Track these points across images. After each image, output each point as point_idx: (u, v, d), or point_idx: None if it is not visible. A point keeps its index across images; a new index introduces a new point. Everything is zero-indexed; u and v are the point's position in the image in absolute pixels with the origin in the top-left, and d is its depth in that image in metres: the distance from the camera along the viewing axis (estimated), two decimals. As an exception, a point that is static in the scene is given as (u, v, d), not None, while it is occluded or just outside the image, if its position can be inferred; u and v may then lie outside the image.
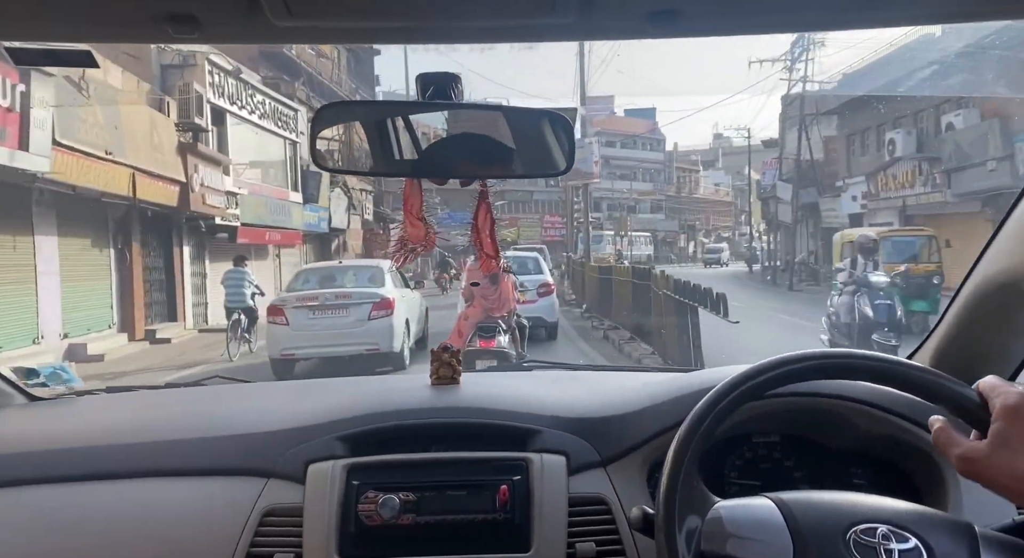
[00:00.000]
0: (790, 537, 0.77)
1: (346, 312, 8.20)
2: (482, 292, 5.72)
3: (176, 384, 1.61)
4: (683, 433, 0.85)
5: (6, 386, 1.35)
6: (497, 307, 5.76)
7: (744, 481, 1.19)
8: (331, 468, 1.04)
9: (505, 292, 5.80)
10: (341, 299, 8.35)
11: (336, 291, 8.67)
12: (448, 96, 0.95)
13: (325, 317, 8.14)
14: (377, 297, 8.28)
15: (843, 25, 0.88)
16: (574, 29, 0.80)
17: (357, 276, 9.11)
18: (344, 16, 0.76)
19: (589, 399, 1.22)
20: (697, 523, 0.83)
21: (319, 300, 8.29)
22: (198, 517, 1.04)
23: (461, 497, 1.03)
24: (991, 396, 0.76)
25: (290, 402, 1.28)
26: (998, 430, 0.73)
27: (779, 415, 1.16)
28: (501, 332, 5.84)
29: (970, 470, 0.75)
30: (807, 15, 0.84)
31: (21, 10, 0.74)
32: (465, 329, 5.77)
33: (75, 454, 1.11)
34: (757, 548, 0.78)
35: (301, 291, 9.02)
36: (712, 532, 0.81)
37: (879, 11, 0.82)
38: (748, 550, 0.79)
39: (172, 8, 0.70)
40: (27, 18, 0.76)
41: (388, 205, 26.42)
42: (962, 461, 0.75)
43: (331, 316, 8.20)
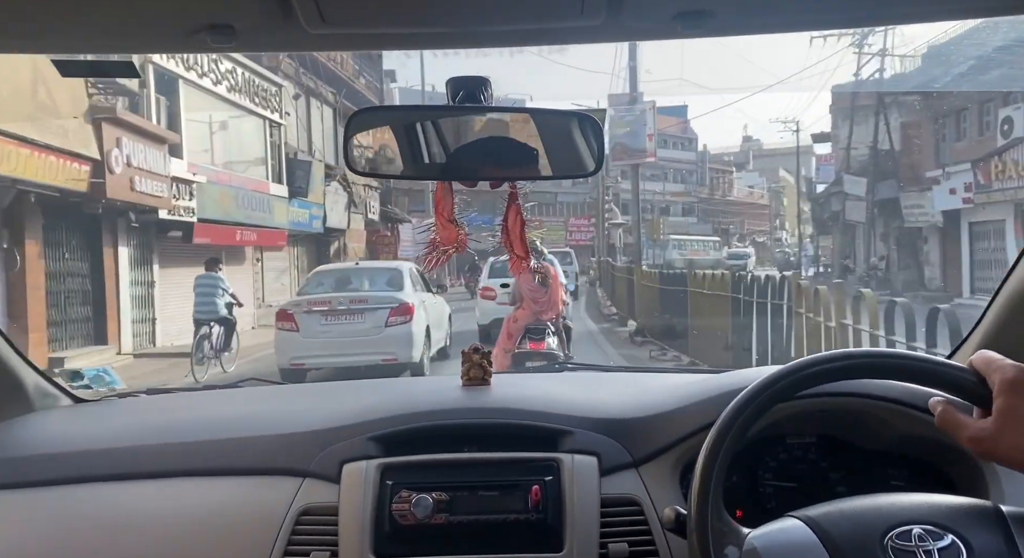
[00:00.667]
0: (827, 555, 0.85)
1: (361, 318, 8.44)
2: (532, 295, 6.48)
3: (213, 386, 1.82)
4: (715, 434, 0.95)
5: (53, 388, 1.55)
6: (546, 310, 6.55)
7: (779, 483, 1.32)
8: (365, 468, 1.19)
9: (554, 295, 6.63)
10: (356, 304, 8.58)
11: (351, 295, 8.88)
12: (478, 99, 1.09)
13: (339, 323, 8.40)
14: (395, 302, 8.53)
15: (876, 21, 1.00)
16: (603, 31, 0.91)
17: (374, 279, 9.43)
18: (377, 23, 0.88)
19: (620, 400, 1.37)
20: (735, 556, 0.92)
21: (332, 304, 8.52)
22: (236, 515, 1.19)
23: (493, 497, 1.18)
24: (988, 372, 0.83)
25: (323, 403, 1.46)
26: (1002, 406, 0.80)
27: (813, 416, 1.28)
28: (550, 334, 6.63)
29: (983, 451, 0.82)
30: (841, 12, 0.93)
31: (72, 28, 0.87)
32: (515, 331, 6.48)
33: (117, 454, 1.28)
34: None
35: (313, 294, 9.16)
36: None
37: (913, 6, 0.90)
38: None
39: (211, 19, 0.82)
40: (76, 33, 0.89)
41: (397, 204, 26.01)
42: (973, 442, 0.82)
43: (345, 322, 8.43)
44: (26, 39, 0.95)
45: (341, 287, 9.44)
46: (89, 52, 1.03)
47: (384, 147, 1.14)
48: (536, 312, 6.58)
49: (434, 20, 0.89)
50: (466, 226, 1.25)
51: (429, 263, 1.28)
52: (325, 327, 8.39)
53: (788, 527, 0.92)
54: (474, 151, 1.16)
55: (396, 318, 8.39)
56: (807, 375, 0.98)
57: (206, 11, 0.82)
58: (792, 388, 0.98)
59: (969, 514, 0.88)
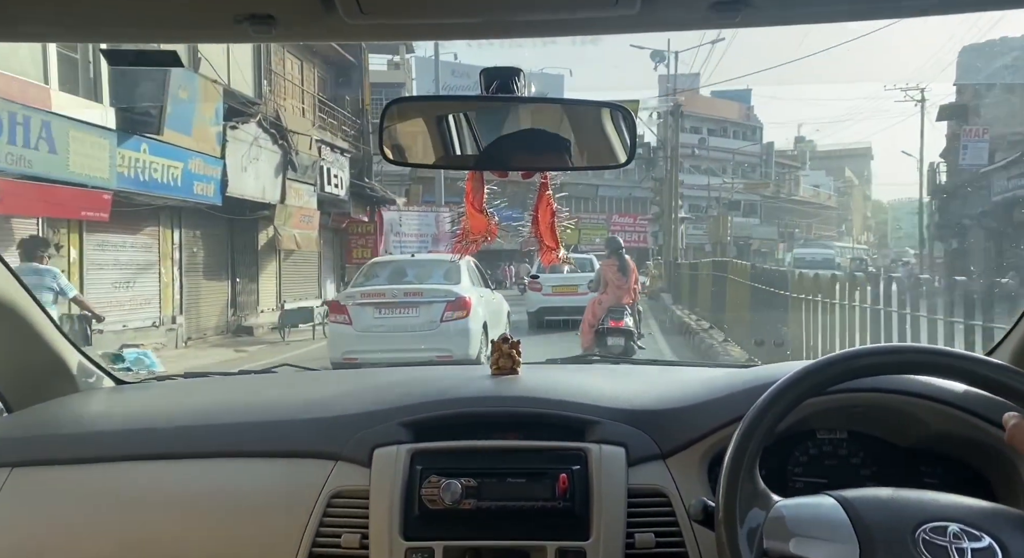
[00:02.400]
0: (856, 536, 0.87)
1: (416, 311, 8.32)
2: (615, 282, 8.20)
3: (248, 371, 1.89)
4: (744, 427, 0.98)
5: (96, 370, 1.66)
6: (625, 294, 8.24)
7: (808, 478, 1.33)
8: (396, 452, 1.25)
9: (632, 283, 8.44)
10: (411, 297, 8.43)
11: (406, 287, 8.68)
12: (511, 90, 1.13)
13: (393, 317, 8.30)
14: (452, 296, 8.31)
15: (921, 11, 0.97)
16: (637, 21, 0.93)
17: (430, 271, 9.19)
18: (413, 14, 0.92)
19: (648, 392, 1.40)
20: (759, 520, 0.94)
21: (386, 297, 8.42)
22: (270, 496, 1.26)
23: (521, 484, 1.22)
24: None
25: (356, 389, 1.53)
26: None
27: (844, 411, 1.29)
28: (628, 314, 8.23)
29: None
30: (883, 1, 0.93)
31: (119, 17, 0.93)
32: (599, 312, 8.08)
33: (156, 434, 1.37)
34: (822, 547, 0.88)
35: (367, 286, 8.99)
36: (774, 530, 0.92)
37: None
38: (812, 550, 0.89)
39: (253, 9, 0.87)
40: (123, 24, 0.96)
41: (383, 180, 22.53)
42: None
43: (400, 316, 8.33)
44: (74, 28, 1.03)
45: (396, 279, 9.25)
46: (134, 42, 1.10)
47: (418, 137, 1.18)
48: (617, 296, 8.22)
49: (469, 10, 0.93)
50: (495, 216, 1.28)
51: (458, 252, 1.32)
52: (379, 320, 8.29)
53: (821, 503, 0.94)
54: (508, 142, 1.19)
55: (452, 313, 8.22)
56: (840, 370, 0.99)
57: (248, 2, 0.87)
58: (824, 383, 0.99)
59: (1011, 520, 0.88)
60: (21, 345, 1.52)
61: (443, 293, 8.41)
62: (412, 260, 10.32)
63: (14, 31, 1.02)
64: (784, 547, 0.91)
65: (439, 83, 26.59)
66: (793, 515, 0.94)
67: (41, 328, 1.54)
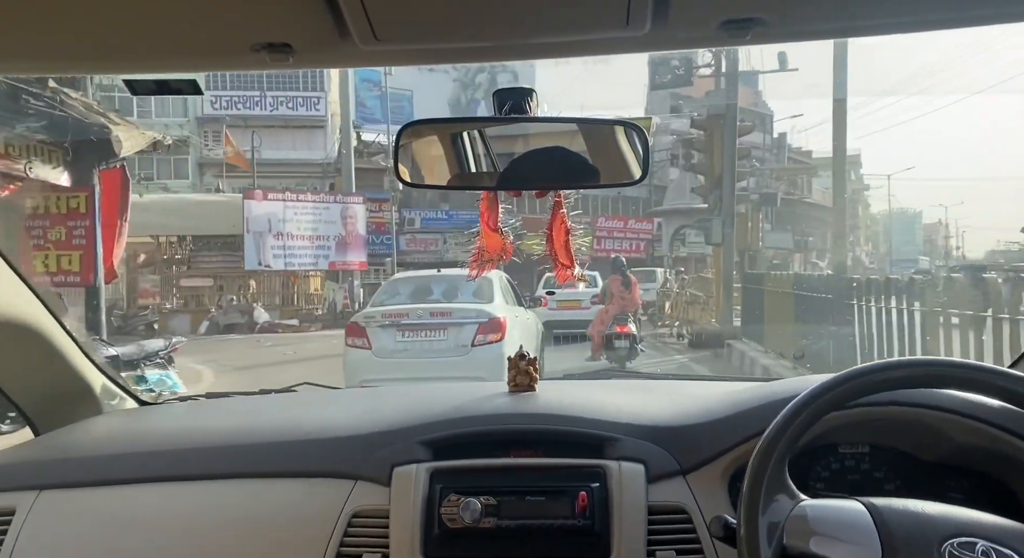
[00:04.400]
0: (879, 543, 0.88)
1: (444, 334, 7.57)
2: (619, 294, 9.84)
3: (268, 390, 1.92)
4: (764, 443, 1.00)
5: (120, 392, 1.75)
6: (628, 304, 9.88)
7: (830, 493, 1.34)
8: (415, 471, 1.29)
9: (635, 294, 10.18)
10: (438, 317, 7.67)
11: (432, 307, 7.94)
12: (524, 110, 1.18)
13: (417, 340, 7.59)
14: (485, 316, 7.57)
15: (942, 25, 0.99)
16: (647, 41, 0.97)
17: (459, 288, 8.35)
18: (426, 40, 0.97)
19: (667, 408, 1.44)
20: (780, 519, 0.96)
21: (410, 317, 7.68)
22: (291, 517, 1.32)
23: (540, 503, 1.26)
24: None
25: (374, 407, 1.59)
26: None
27: (867, 425, 1.31)
28: (631, 321, 9.71)
29: None
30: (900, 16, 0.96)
31: (141, 49, 0.99)
32: (606, 319, 9.69)
33: (179, 455, 1.43)
34: (842, 550, 0.90)
35: (387, 306, 8.27)
36: (795, 529, 0.95)
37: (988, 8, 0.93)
38: (832, 550, 0.91)
39: (270, 38, 0.92)
40: (143, 54, 1.02)
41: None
42: None
43: (425, 339, 7.60)
44: (97, 61, 1.09)
45: (420, 297, 8.45)
46: (155, 72, 1.17)
47: (434, 159, 1.23)
48: (622, 306, 9.81)
49: (481, 35, 0.97)
50: (510, 235, 1.33)
51: (472, 271, 1.37)
52: (402, 344, 7.59)
53: (847, 507, 0.96)
54: (525, 161, 1.24)
55: (485, 336, 7.47)
56: (861, 384, 1.02)
57: (266, 31, 0.93)
58: (845, 397, 1.02)
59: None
60: (48, 369, 1.59)
61: (474, 313, 7.66)
62: (438, 276, 9.42)
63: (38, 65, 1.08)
64: (804, 545, 0.93)
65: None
66: (817, 515, 0.96)
67: (67, 351, 1.60)
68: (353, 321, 8.21)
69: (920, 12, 0.94)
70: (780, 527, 0.96)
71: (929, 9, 0.94)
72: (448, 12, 0.90)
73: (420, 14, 0.89)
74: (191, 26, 0.91)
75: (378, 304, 8.61)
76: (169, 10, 0.87)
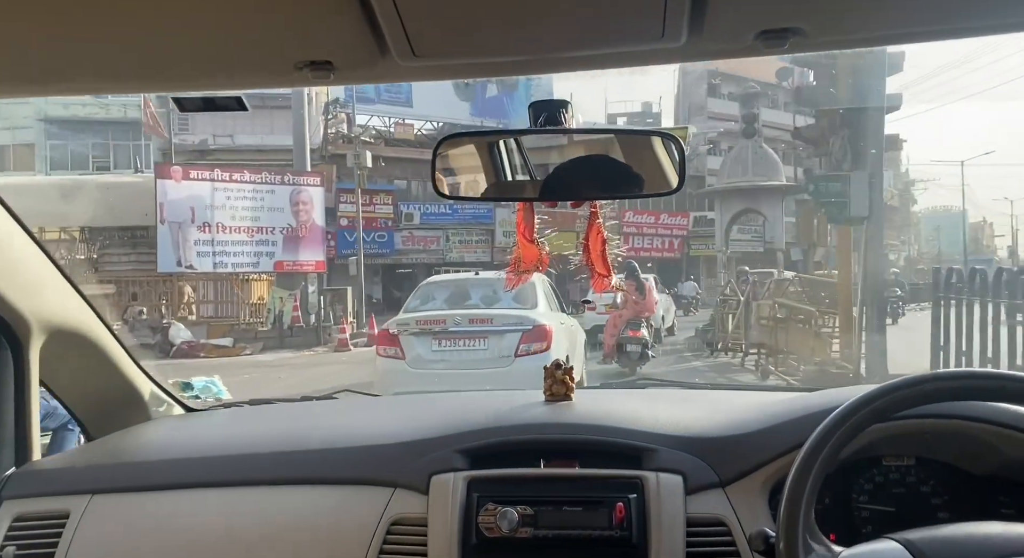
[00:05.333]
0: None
1: (484, 343, 7.60)
2: (634, 299, 10.59)
3: (310, 397, 2.15)
4: (804, 455, 1.08)
5: (167, 398, 1.97)
6: (642, 310, 10.80)
7: (874, 506, 1.45)
8: (452, 480, 1.43)
9: (649, 300, 11.21)
10: (478, 324, 7.69)
11: (471, 313, 7.93)
12: (559, 122, 1.31)
13: (455, 349, 7.63)
14: (529, 323, 7.55)
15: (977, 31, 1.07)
16: (684, 52, 1.06)
17: (499, 293, 8.33)
18: (464, 55, 1.08)
19: (706, 418, 1.55)
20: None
21: (447, 324, 7.71)
22: (332, 523, 1.47)
23: (577, 513, 1.38)
24: None
25: (413, 415, 1.75)
26: None
27: (913, 437, 1.40)
28: (644, 326, 10.55)
29: None
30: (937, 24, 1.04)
31: (188, 68, 1.12)
32: (620, 323, 10.57)
33: (223, 462, 1.60)
34: None
35: (421, 311, 8.28)
36: None
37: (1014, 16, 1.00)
38: None
39: (313, 56, 1.04)
40: (192, 75, 1.15)
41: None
42: None
43: (464, 348, 7.62)
44: (148, 80, 1.24)
45: (458, 302, 8.48)
46: (203, 90, 1.31)
47: (472, 170, 1.40)
48: (636, 311, 10.70)
49: (518, 49, 1.08)
50: (546, 246, 1.47)
51: (510, 283, 1.52)
52: (438, 354, 7.65)
53: (884, 550, 1.03)
54: (564, 172, 1.38)
55: (530, 345, 7.47)
56: (904, 396, 1.10)
57: (309, 50, 1.05)
58: (888, 409, 1.10)
59: None
60: (101, 376, 1.82)
61: (517, 320, 7.67)
62: (476, 279, 9.48)
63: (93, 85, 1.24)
64: None
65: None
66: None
67: (118, 359, 1.82)
68: (384, 328, 8.25)
69: (961, 19, 1.02)
70: None
71: (970, 15, 1.01)
72: (484, 28, 0.99)
73: (457, 31, 0.99)
74: (238, 47, 1.03)
75: (412, 309, 8.53)
76: (218, 32, 0.99)
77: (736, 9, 0.96)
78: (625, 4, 0.95)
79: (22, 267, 1.57)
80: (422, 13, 0.93)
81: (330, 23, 0.96)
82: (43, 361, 1.66)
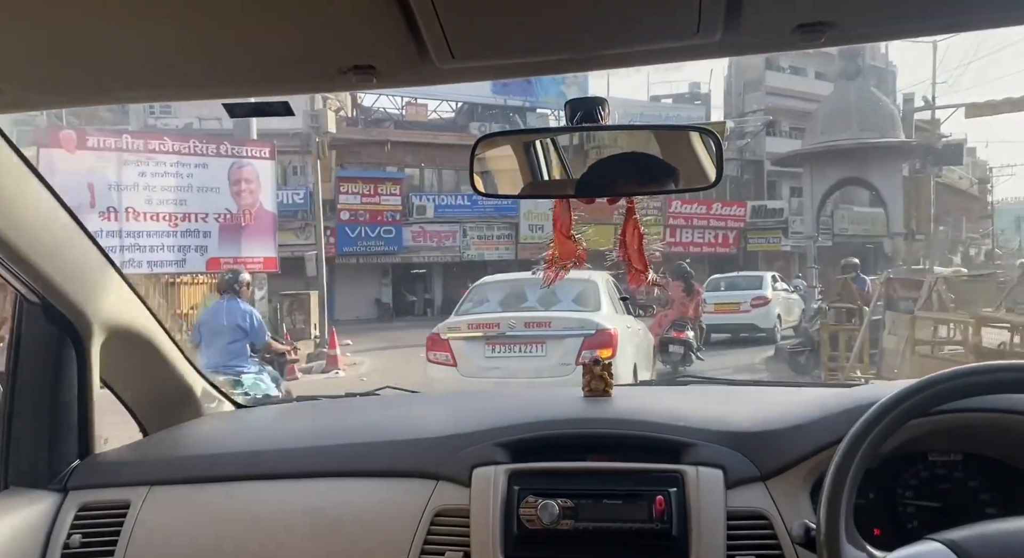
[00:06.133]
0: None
1: (542, 349, 7.62)
2: (680, 300, 11.38)
3: (354, 393, 2.38)
4: (844, 448, 1.17)
5: (218, 395, 2.20)
6: (687, 311, 11.43)
7: (920, 502, 1.55)
8: (494, 473, 1.58)
9: (696, 302, 11.76)
10: (535, 329, 7.68)
11: (527, 316, 7.87)
12: (596, 119, 1.45)
13: (511, 356, 7.65)
14: (591, 328, 7.56)
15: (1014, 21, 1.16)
16: (719, 47, 1.16)
17: (558, 294, 8.29)
18: (501, 56, 1.19)
19: (745, 413, 1.67)
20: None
21: (501, 328, 7.76)
22: (378, 514, 1.63)
23: (617, 506, 1.51)
24: None
25: (454, 410, 1.92)
26: None
27: (959, 432, 1.49)
28: (689, 328, 11.05)
29: None
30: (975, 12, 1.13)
31: (238, 76, 1.25)
32: (664, 323, 11.11)
33: (272, 455, 1.79)
34: None
35: (473, 314, 8.34)
36: None
37: None
38: None
39: (356, 61, 1.16)
40: (241, 82, 1.29)
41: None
42: None
43: (520, 355, 7.64)
44: (201, 88, 1.39)
45: (513, 305, 8.40)
46: (253, 96, 1.44)
47: (510, 168, 1.56)
48: (681, 312, 11.34)
49: (553, 49, 1.20)
50: (583, 242, 1.61)
51: (547, 279, 1.66)
52: (492, 361, 7.71)
53: (927, 552, 1.09)
54: (605, 169, 1.52)
55: (593, 352, 7.05)
56: (945, 390, 1.19)
57: (352, 55, 1.18)
58: (927, 403, 1.18)
59: None
60: (156, 374, 2.05)
61: (578, 323, 7.67)
62: (534, 278, 8.63)
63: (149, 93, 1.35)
64: None
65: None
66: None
67: (172, 357, 2.05)
68: (434, 332, 8.17)
69: (1000, 7, 1.10)
70: None
71: (1011, 3, 1.09)
72: (521, 30, 1.10)
73: (494, 33, 1.10)
74: (285, 54, 1.16)
75: (464, 312, 8.56)
76: (267, 41, 1.11)
77: (772, 4, 1.04)
78: (660, 2, 1.04)
79: (86, 270, 1.75)
80: (461, 17, 1.04)
81: (373, 29, 1.08)
82: (102, 359, 1.84)
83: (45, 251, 1.63)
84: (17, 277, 1.65)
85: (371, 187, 23.86)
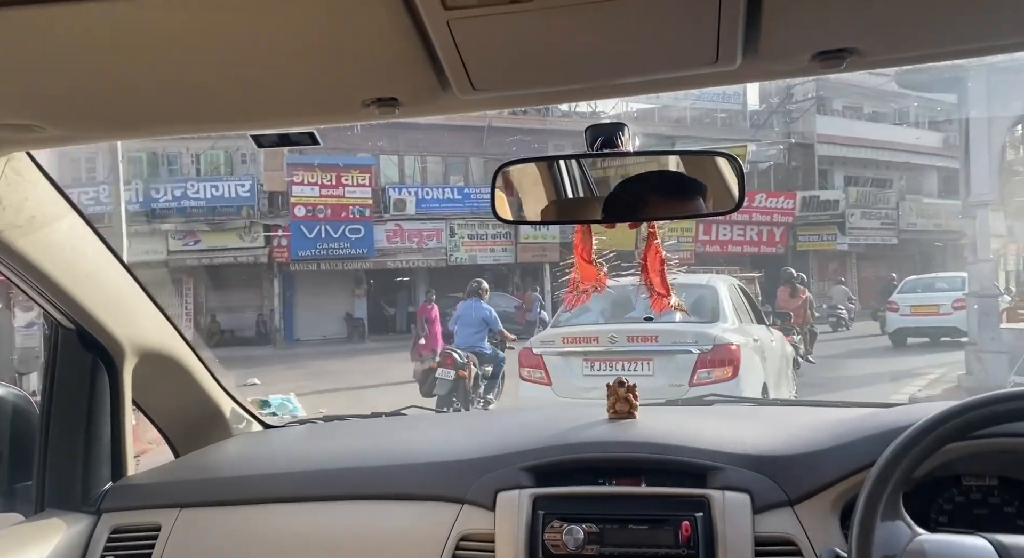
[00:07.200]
0: None
1: (650, 367, 7.55)
2: (786, 303, 13.66)
3: (380, 413, 2.62)
4: (877, 473, 1.24)
5: (247, 415, 2.44)
6: (797, 315, 13.42)
7: (954, 527, 1.63)
8: (518, 497, 1.73)
9: (802, 305, 14.35)
10: (640, 343, 7.59)
11: (632, 328, 7.72)
12: (615, 144, 1.61)
13: (612, 374, 6.56)
14: (707, 342, 7.37)
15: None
16: (738, 74, 1.29)
17: None
18: (521, 86, 1.34)
19: (774, 436, 1.77)
20: (896, 553, 1.21)
21: (602, 342, 7.76)
22: (403, 538, 1.79)
23: (643, 531, 1.64)
24: None
25: (478, 432, 2.08)
26: None
27: (995, 456, 1.56)
28: (794, 333, 12.29)
29: None
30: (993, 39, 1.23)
31: (265, 109, 1.43)
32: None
33: (301, 477, 1.97)
34: None
35: (572, 326, 8.23)
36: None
37: None
38: None
39: (379, 94, 1.33)
40: (268, 114, 1.47)
41: None
42: None
43: (623, 373, 6.67)
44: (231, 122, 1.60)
45: (617, 315, 8.24)
46: (280, 128, 1.65)
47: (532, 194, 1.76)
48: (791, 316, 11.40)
49: (572, 78, 1.34)
50: (605, 266, 1.75)
51: (570, 303, 1.80)
52: (590, 380, 7.66)
53: (971, 543, 1.18)
54: (626, 193, 1.69)
55: (710, 371, 7.42)
56: (981, 415, 1.27)
57: (376, 88, 1.34)
58: (964, 428, 1.26)
59: None
60: (186, 396, 2.29)
61: (692, 337, 7.51)
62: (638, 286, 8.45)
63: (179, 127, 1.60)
64: None
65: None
66: (936, 551, 1.19)
67: (202, 379, 2.28)
68: (527, 347, 8.19)
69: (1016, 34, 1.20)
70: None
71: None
72: (540, 61, 1.23)
73: (514, 65, 1.23)
74: (311, 88, 1.33)
75: (562, 324, 8.50)
76: (293, 76, 1.27)
77: (790, 32, 1.13)
78: (677, 32, 1.14)
79: (118, 295, 1.95)
80: (481, 51, 1.17)
81: (396, 64, 1.22)
82: (134, 382, 2.06)
83: (80, 279, 1.84)
84: (53, 305, 1.87)
85: (332, 176, 22.58)
